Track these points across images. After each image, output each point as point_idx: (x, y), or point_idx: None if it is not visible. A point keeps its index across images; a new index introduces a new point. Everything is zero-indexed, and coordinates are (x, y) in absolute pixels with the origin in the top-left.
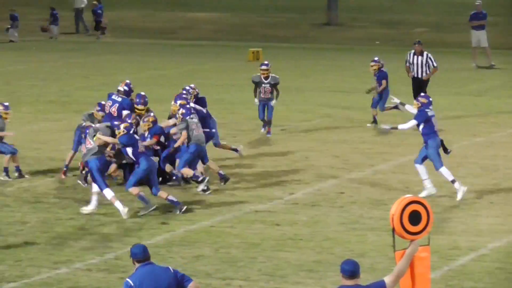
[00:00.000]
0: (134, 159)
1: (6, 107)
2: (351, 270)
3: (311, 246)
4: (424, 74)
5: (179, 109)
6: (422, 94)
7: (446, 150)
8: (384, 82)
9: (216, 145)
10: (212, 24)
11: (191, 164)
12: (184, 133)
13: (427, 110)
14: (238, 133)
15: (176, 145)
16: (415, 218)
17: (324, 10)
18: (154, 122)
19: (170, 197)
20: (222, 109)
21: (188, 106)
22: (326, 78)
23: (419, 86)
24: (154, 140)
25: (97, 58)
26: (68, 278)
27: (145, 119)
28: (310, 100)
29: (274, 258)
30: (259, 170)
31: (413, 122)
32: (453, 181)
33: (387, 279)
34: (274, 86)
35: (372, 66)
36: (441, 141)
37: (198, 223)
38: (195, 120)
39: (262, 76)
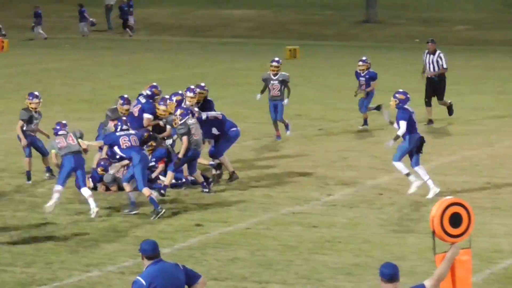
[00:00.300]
0: (124, 155)
1: (35, 97)
2: (390, 273)
3: (349, 249)
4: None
5: (176, 109)
6: (400, 90)
7: (420, 149)
8: (373, 84)
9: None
10: (249, 21)
11: (192, 167)
12: (185, 139)
13: (406, 106)
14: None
15: (180, 155)
16: (456, 220)
17: (363, 7)
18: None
19: (153, 197)
20: (258, 108)
21: (184, 105)
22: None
23: (433, 89)
24: (161, 166)
25: (131, 56)
26: (100, 281)
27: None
28: (348, 99)
29: (311, 261)
30: (296, 170)
31: (404, 123)
32: (407, 174)
33: (427, 283)
34: (283, 83)
35: (359, 66)
36: (421, 139)
37: (234, 225)
38: (194, 121)
39: (271, 73)
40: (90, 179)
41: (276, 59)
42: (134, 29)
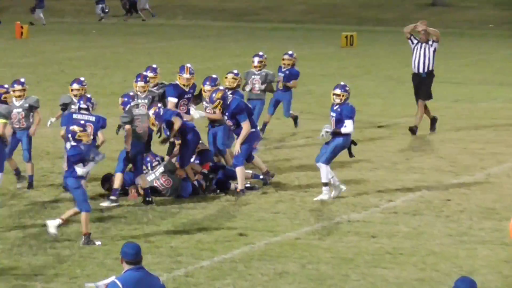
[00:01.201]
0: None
1: (81, 83)
2: None
3: (412, 262)
4: (426, 69)
5: (215, 91)
6: (343, 83)
7: (351, 154)
8: (294, 82)
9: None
10: (300, 4)
11: (137, 169)
12: (128, 128)
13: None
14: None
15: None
16: None
17: None
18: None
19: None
20: (311, 103)
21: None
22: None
23: (419, 84)
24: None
25: (167, 43)
26: None
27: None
28: (412, 92)
29: (369, 275)
30: (352, 173)
31: (351, 122)
32: (325, 184)
33: None
34: (266, 82)
35: (284, 59)
36: (352, 142)
37: (282, 234)
38: (142, 111)
39: (254, 70)
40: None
41: (260, 53)
42: (151, 12)
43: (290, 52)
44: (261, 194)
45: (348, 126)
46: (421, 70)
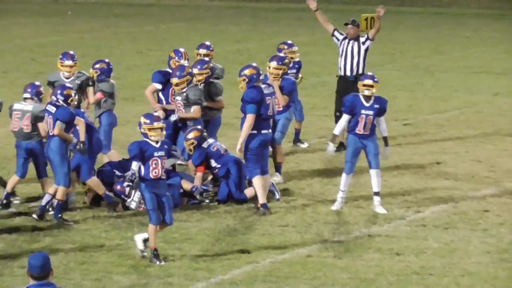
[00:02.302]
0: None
1: (73, 58)
2: None
3: (444, 284)
4: (355, 72)
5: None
6: (370, 73)
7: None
8: (300, 77)
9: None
10: None
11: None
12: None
13: None
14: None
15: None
16: None
17: None
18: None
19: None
20: (325, 96)
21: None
22: (467, 55)
23: (345, 91)
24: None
25: (155, 27)
26: None
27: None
28: (444, 84)
29: None
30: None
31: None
32: (376, 193)
33: None
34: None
35: (293, 52)
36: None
37: (291, 251)
38: None
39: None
40: None
41: (208, 43)
42: None
43: (289, 42)
44: (286, 206)
45: (385, 126)
46: (348, 73)
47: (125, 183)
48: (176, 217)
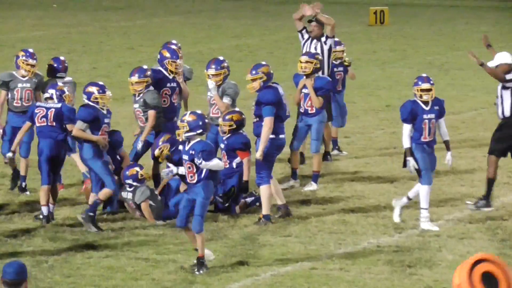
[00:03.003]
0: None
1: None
2: None
3: None
4: (324, 73)
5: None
6: (424, 75)
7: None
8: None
9: None
10: None
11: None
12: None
13: None
14: (354, 134)
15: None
16: (490, 281)
17: None
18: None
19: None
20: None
21: None
22: (485, 51)
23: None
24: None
25: (148, 21)
26: None
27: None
28: (460, 83)
29: None
30: (383, 185)
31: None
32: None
33: None
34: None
35: (340, 51)
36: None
37: (294, 263)
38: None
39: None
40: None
41: (174, 41)
42: None
43: (336, 39)
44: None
45: (445, 129)
46: None
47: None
48: (169, 227)
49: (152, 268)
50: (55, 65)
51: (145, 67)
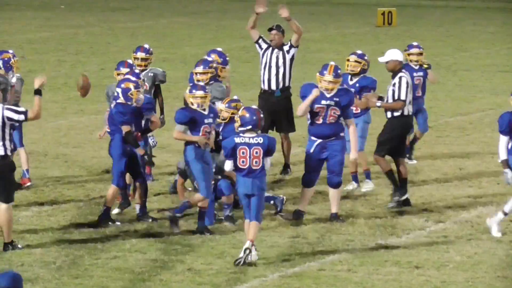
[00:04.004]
0: None
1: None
2: None
3: None
4: (281, 85)
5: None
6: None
7: None
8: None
9: None
10: None
11: None
12: None
13: None
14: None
15: None
16: None
17: None
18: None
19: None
20: None
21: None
22: (492, 52)
23: (273, 108)
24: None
25: (155, 22)
26: None
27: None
28: (468, 84)
29: None
30: (391, 187)
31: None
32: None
33: None
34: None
35: (417, 54)
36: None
37: (301, 264)
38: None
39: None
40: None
41: (146, 46)
42: None
43: (415, 43)
44: (275, 212)
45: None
46: (273, 87)
47: None
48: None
49: (160, 269)
50: None
51: (210, 59)
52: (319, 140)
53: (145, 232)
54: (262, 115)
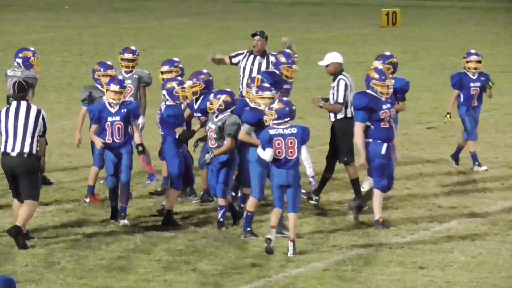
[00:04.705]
0: None
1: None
2: None
3: None
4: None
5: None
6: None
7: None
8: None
9: None
10: None
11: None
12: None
13: None
14: None
15: None
16: None
17: None
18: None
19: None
20: None
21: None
22: (496, 53)
23: None
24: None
25: (159, 22)
26: None
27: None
28: None
29: None
30: (395, 186)
31: None
32: None
33: None
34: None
35: (475, 61)
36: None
37: (306, 265)
38: None
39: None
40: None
41: (133, 48)
42: None
43: (473, 51)
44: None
45: None
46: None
47: None
48: (182, 229)
49: (164, 269)
50: None
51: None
52: (387, 144)
53: (149, 233)
54: (294, 107)
